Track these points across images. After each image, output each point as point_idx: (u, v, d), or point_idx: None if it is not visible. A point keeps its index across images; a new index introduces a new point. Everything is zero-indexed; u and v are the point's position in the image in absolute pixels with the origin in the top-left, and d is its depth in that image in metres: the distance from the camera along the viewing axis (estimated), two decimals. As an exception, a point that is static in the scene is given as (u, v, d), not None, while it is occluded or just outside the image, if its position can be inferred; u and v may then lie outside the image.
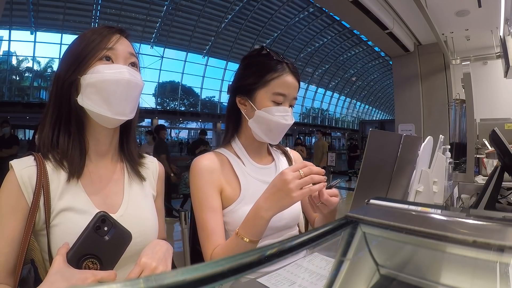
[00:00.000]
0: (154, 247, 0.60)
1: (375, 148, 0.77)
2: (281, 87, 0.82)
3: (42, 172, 0.59)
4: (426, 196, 0.99)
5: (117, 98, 0.60)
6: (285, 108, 0.83)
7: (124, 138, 0.72)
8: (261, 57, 0.85)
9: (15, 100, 16.59)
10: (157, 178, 0.79)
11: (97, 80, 0.59)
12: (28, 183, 0.58)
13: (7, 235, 0.56)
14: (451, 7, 2.91)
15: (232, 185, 0.85)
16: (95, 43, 0.61)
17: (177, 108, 22.54)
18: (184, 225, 2.05)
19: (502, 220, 0.40)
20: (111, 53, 0.62)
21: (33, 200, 0.58)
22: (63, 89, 0.61)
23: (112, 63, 0.62)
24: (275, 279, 0.62)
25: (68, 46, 0.65)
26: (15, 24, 15.20)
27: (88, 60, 0.60)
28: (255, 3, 18.25)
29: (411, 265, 0.46)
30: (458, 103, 3.40)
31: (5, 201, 0.57)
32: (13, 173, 0.58)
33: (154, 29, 18.38)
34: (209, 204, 0.81)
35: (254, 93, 0.84)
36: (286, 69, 0.83)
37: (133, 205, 0.68)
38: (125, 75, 0.61)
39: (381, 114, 42.02)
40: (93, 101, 0.60)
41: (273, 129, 0.83)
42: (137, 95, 0.64)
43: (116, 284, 0.21)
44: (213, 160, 0.85)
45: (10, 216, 0.57)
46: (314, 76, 27.53)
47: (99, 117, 0.62)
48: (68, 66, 0.61)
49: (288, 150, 1.04)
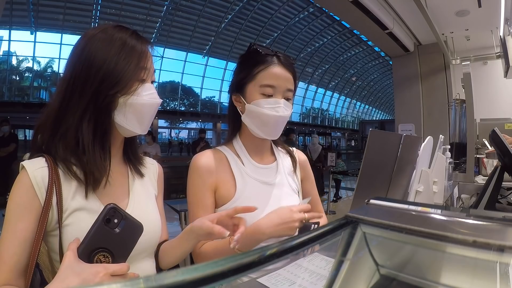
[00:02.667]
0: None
1: (375, 148, 0.77)
2: (268, 79, 0.81)
3: (54, 173, 0.59)
4: (426, 196, 0.99)
5: (148, 119, 0.67)
6: (276, 100, 0.81)
7: (129, 142, 0.75)
8: (251, 53, 0.86)
9: (15, 100, 16.60)
10: (157, 178, 0.81)
11: (137, 102, 0.63)
12: (41, 183, 0.58)
13: (19, 235, 0.56)
14: (451, 7, 2.91)
15: (228, 184, 0.85)
16: (134, 63, 0.63)
17: (177, 108, 22.55)
18: (184, 225, 2.05)
19: (502, 220, 0.40)
20: (145, 74, 0.66)
21: (46, 199, 0.58)
22: (103, 103, 0.62)
23: (145, 82, 0.66)
24: (275, 279, 0.62)
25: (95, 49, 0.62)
26: (15, 24, 15.22)
27: (129, 81, 0.62)
28: (255, 3, 18.25)
29: (411, 265, 0.46)
30: (458, 103, 3.40)
31: (18, 201, 0.57)
32: (26, 173, 0.58)
33: (154, 29, 18.38)
34: (203, 202, 0.83)
35: (245, 88, 0.84)
36: (275, 60, 0.83)
37: (138, 205, 0.70)
38: (158, 99, 0.67)
39: (381, 114, 42.04)
40: (128, 119, 0.64)
41: (266, 122, 0.82)
42: (156, 111, 0.70)
43: (116, 284, 0.21)
44: (211, 158, 0.86)
45: (23, 217, 0.57)
46: (314, 76, 27.54)
47: (125, 131, 0.66)
48: (105, 81, 0.61)
49: (294, 150, 1.01)
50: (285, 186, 0.90)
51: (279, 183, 0.89)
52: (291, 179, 0.93)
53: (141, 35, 0.68)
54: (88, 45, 0.62)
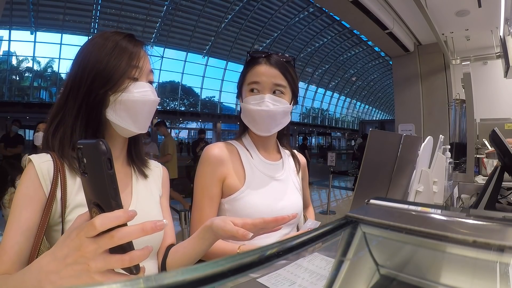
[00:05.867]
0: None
1: (375, 148, 0.77)
2: (253, 76, 0.87)
3: (59, 166, 0.61)
4: (426, 196, 0.99)
5: (142, 116, 0.66)
6: (261, 96, 0.85)
7: (132, 144, 0.77)
8: (247, 59, 0.92)
9: (15, 100, 16.59)
10: (162, 181, 0.83)
11: (127, 99, 0.64)
12: (47, 175, 0.60)
13: (22, 224, 0.56)
14: (451, 7, 2.91)
15: (238, 175, 0.88)
16: (125, 61, 0.64)
17: (177, 108, 22.54)
18: (184, 225, 2.05)
19: (502, 220, 0.40)
20: (138, 73, 0.66)
21: (51, 190, 0.59)
22: (94, 101, 0.64)
23: (137, 81, 0.66)
24: (275, 279, 0.62)
25: (88, 53, 0.65)
26: (15, 24, 15.21)
27: (119, 78, 0.63)
28: (255, 3, 18.25)
29: (411, 265, 0.46)
30: (458, 103, 3.40)
31: (23, 192, 0.59)
32: (32, 165, 0.60)
33: (154, 29, 18.39)
34: (209, 191, 0.86)
35: (241, 90, 0.92)
36: (262, 61, 0.88)
37: (141, 205, 0.71)
38: (151, 96, 0.67)
39: (381, 114, 42.03)
40: (121, 117, 0.65)
41: (254, 118, 0.86)
42: (154, 110, 0.70)
43: (116, 284, 0.21)
44: (223, 149, 0.90)
45: (27, 206, 0.58)
46: (314, 76, 27.54)
47: (122, 130, 0.67)
48: (96, 79, 0.63)
49: (296, 153, 1.06)
50: (289, 183, 0.95)
51: (285, 179, 0.94)
52: (294, 177, 0.99)
53: (137, 38, 0.69)
54: (86, 48, 0.66)
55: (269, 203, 0.86)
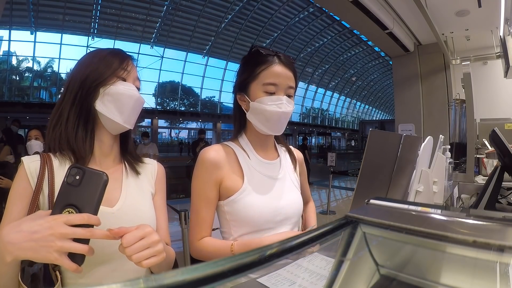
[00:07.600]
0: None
1: (375, 148, 0.77)
2: (270, 77, 0.86)
3: (46, 164, 0.68)
4: (426, 196, 0.99)
5: (128, 109, 0.73)
6: (278, 97, 0.85)
7: (123, 142, 0.82)
8: (253, 54, 0.90)
9: (15, 100, 16.59)
10: (156, 178, 0.84)
11: (115, 92, 0.72)
12: (34, 173, 0.68)
13: (14, 216, 0.64)
14: (451, 7, 2.91)
15: (236, 176, 0.88)
16: (116, 64, 0.74)
17: (177, 108, 22.55)
18: (184, 225, 2.05)
19: (502, 220, 0.40)
20: (126, 74, 0.75)
21: (37, 185, 0.66)
22: (87, 93, 0.72)
23: (125, 81, 0.75)
24: (275, 279, 0.62)
25: (84, 60, 0.76)
26: (15, 24, 15.20)
27: (109, 75, 0.72)
28: (255, 3, 18.25)
29: (411, 265, 0.46)
30: (458, 103, 3.40)
31: (15, 190, 0.67)
32: (23, 165, 0.68)
33: (154, 29, 18.37)
34: (206, 195, 0.86)
35: (248, 87, 0.89)
36: (276, 60, 0.87)
37: (130, 200, 0.74)
38: (136, 93, 0.75)
39: (381, 114, 42.04)
40: (108, 108, 0.72)
41: (269, 118, 0.86)
42: (140, 110, 0.78)
43: (116, 284, 0.21)
44: (220, 151, 0.89)
45: (17, 201, 0.65)
46: (314, 76, 27.54)
47: (108, 122, 0.73)
48: (90, 79, 0.72)
49: (292, 148, 1.06)
50: (287, 181, 0.95)
51: (283, 178, 0.94)
52: (292, 175, 0.98)
53: (130, 55, 0.80)
54: (82, 58, 0.77)
55: (268, 202, 0.86)
